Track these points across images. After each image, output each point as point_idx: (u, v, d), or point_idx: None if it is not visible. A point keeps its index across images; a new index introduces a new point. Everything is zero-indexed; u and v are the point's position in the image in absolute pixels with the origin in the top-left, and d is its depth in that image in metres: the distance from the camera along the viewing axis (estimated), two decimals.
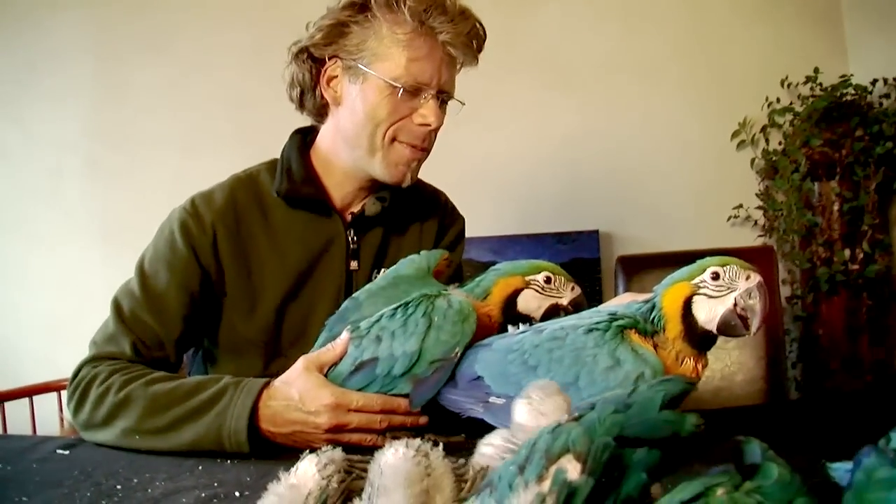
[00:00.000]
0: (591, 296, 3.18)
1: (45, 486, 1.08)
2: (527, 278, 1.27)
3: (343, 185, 1.60)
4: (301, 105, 1.65)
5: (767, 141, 3.31)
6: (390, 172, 1.54)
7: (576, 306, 1.28)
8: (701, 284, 1.07)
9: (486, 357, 1.16)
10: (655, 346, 1.05)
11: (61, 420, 2.63)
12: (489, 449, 0.88)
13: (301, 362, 1.23)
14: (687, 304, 1.07)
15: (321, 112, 1.63)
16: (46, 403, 2.76)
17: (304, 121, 3.42)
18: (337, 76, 1.54)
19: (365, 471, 0.86)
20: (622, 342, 1.04)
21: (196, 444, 1.23)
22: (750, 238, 3.31)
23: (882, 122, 3.06)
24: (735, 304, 1.05)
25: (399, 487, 0.75)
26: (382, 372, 1.17)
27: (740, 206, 3.32)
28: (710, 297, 1.06)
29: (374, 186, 1.60)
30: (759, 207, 3.32)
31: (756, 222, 3.33)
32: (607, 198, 3.39)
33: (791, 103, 3.28)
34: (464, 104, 1.59)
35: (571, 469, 0.62)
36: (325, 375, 1.22)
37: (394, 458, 0.79)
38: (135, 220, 3.39)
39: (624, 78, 3.42)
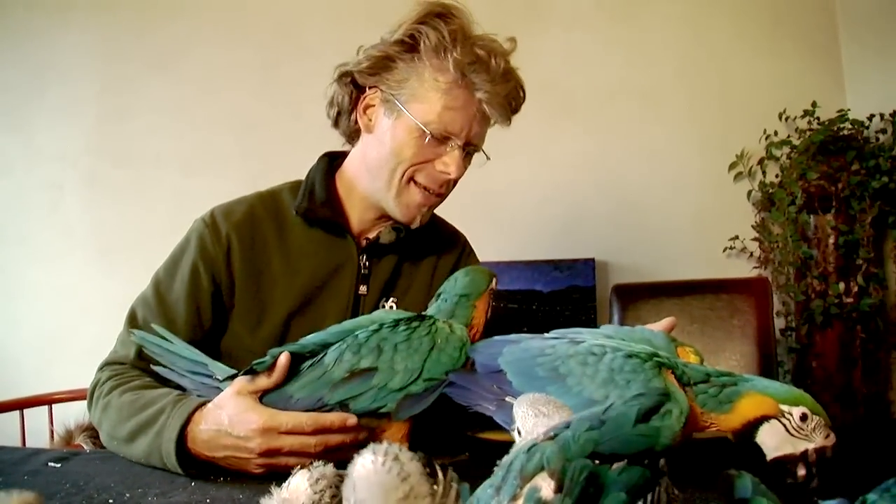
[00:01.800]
0: (586, 325, 3.17)
1: None
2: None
3: (362, 211, 1.63)
4: (335, 124, 1.68)
5: (764, 173, 3.33)
6: (401, 211, 1.57)
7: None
8: (787, 415, 1.02)
9: (514, 353, 1.15)
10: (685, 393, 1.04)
11: (51, 433, 2.62)
12: None
13: (234, 385, 1.19)
14: (761, 419, 1.03)
15: (353, 136, 1.67)
16: (37, 416, 2.75)
17: (305, 145, 3.45)
18: (374, 106, 1.57)
19: None
20: (658, 376, 1.03)
21: (146, 458, 1.25)
22: (745, 269, 3.33)
23: (878, 156, 3.09)
24: (803, 453, 1.01)
25: (376, 499, 0.72)
26: (379, 383, 1.15)
27: (736, 237, 3.33)
28: (787, 431, 1.02)
29: (385, 218, 1.63)
30: (754, 239, 3.33)
31: (752, 254, 3.35)
32: (604, 226, 3.41)
33: (788, 136, 3.31)
34: (489, 159, 1.63)
35: (545, 487, 0.62)
36: (263, 397, 1.19)
37: (364, 469, 0.74)
38: (133, 237, 3.43)
39: (624, 108, 3.45)
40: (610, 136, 3.44)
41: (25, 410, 2.73)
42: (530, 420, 0.84)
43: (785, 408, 1.02)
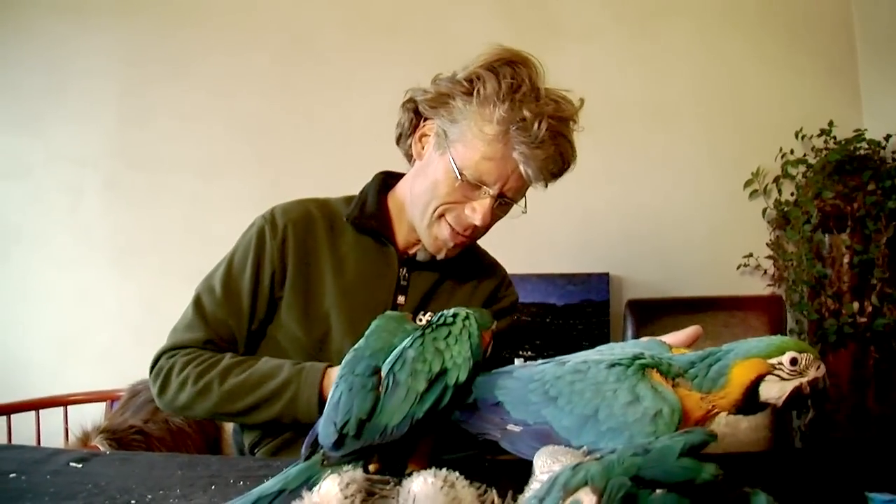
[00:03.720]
0: (600, 339, 3.19)
1: (59, 498, 1.11)
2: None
3: (407, 230, 1.71)
4: (398, 144, 1.75)
5: (780, 191, 3.33)
6: (430, 242, 1.65)
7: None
8: (778, 366, 1.06)
9: (507, 384, 1.17)
10: (674, 386, 1.06)
11: (66, 433, 2.65)
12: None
13: None
14: (757, 381, 1.06)
15: (410, 158, 1.74)
16: (52, 417, 2.78)
17: (320, 151, 3.47)
18: (428, 136, 1.63)
19: (385, 493, 0.89)
20: (642, 379, 1.05)
21: (273, 421, 1.46)
22: (759, 287, 3.33)
23: (894, 177, 3.09)
24: (801, 387, 1.05)
25: None
26: (450, 381, 1.16)
27: (750, 254, 3.33)
28: (783, 378, 1.06)
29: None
30: (769, 257, 3.33)
31: (766, 272, 3.35)
32: (619, 241, 3.42)
33: (805, 155, 3.31)
34: (525, 212, 1.66)
35: (587, 501, 0.65)
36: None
37: (422, 487, 0.83)
38: (151, 241, 3.46)
39: (639, 124, 3.47)
40: (625, 151, 3.45)
41: (41, 411, 2.76)
42: (549, 468, 0.87)
43: (774, 361, 1.05)
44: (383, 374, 1.20)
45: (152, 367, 1.56)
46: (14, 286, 3.63)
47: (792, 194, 3.32)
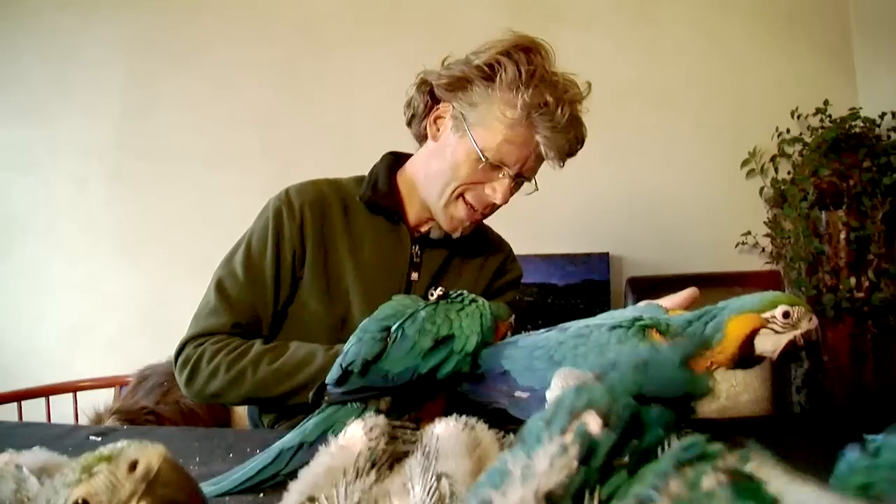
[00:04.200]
0: None
1: None
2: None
3: (419, 209, 1.77)
4: (409, 125, 1.81)
5: (777, 170, 3.37)
6: (446, 221, 1.71)
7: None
8: (771, 319, 1.11)
9: (513, 353, 1.22)
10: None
11: (76, 418, 2.69)
12: None
13: None
14: (752, 334, 1.11)
15: (421, 139, 1.80)
16: (62, 404, 2.82)
17: (326, 141, 3.49)
18: (444, 118, 1.69)
19: (407, 438, 0.94)
20: (643, 339, 1.09)
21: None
22: (757, 264, 3.37)
23: (890, 154, 3.13)
24: (795, 340, 1.10)
25: (456, 454, 0.84)
26: (457, 348, 1.23)
27: (748, 232, 3.38)
28: (776, 332, 1.11)
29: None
30: (766, 235, 3.38)
31: (763, 249, 3.39)
32: (619, 221, 3.46)
33: (801, 134, 3.35)
34: (538, 189, 1.73)
35: (593, 423, 0.69)
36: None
37: (445, 428, 0.89)
38: (156, 230, 3.50)
39: (638, 106, 3.50)
40: (625, 133, 3.49)
41: (51, 398, 2.80)
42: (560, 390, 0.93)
43: (767, 315, 1.10)
44: (393, 329, 1.26)
45: (177, 356, 1.56)
46: (22, 277, 3.67)
47: (788, 173, 3.36)
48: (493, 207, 1.69)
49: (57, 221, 3.66)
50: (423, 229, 1.78)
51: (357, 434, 0.93)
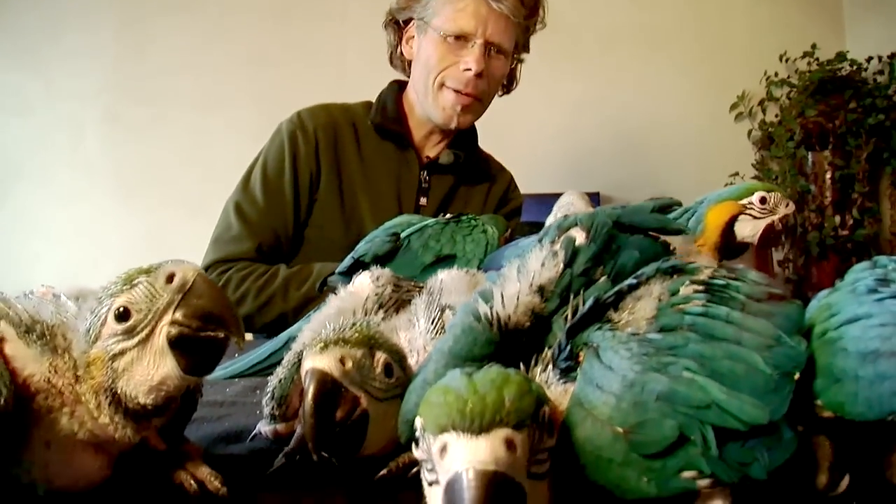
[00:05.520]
0: None
1: None
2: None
3: (419, 128, 1.88)
4: (392, 64, 1.94)
5: (764, 111, 3.43)
6: (439, 115, 1.80)
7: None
8: (749, 206, 1.18)
9: (513, 252, 1.29)
10: None
11: None
12: None
13: None
14: (731, 221, 1.19)
15: (406, 69, 1.91)
16: None
17: (319, 85, 3.51)
18: (413, 36, 1.82)
19: (410, 290, 1.01)
20: None
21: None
22: None
23: (875, 95, 3.19)
24: (773, 224, 1.18)
25: (459, 291, 0.92)
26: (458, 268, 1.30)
27: (736, 173, 3.43)
28: (755, 217, 1.18)
29: (440, 134, 1.87)
30: (754, 177, 3.44)
31: None
32: (609, 162, 3.51)
33: (788, 77, 3.40)
34: (521, 60, 1.90)
35: (578, 236, 0.77)
36: None
37: (448, 274, 0.99)
38: (152, 173, 3.52)
39: (628, 49, 3.55)
40: (615, 75, 3.53)
41: None
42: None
43: (744, 201, 1.18)
44: (402, 236, 1.33)
45: None
46: (17, 223, 3.69)
47: (776, 116, 3.41)
48: (475, 83, 1.75)
49: (52, 167, 3.68)
50: (431, 154, 1.87)
51: (365, 282, 1.00)
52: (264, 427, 0.94)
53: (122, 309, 0.75)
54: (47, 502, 0.75)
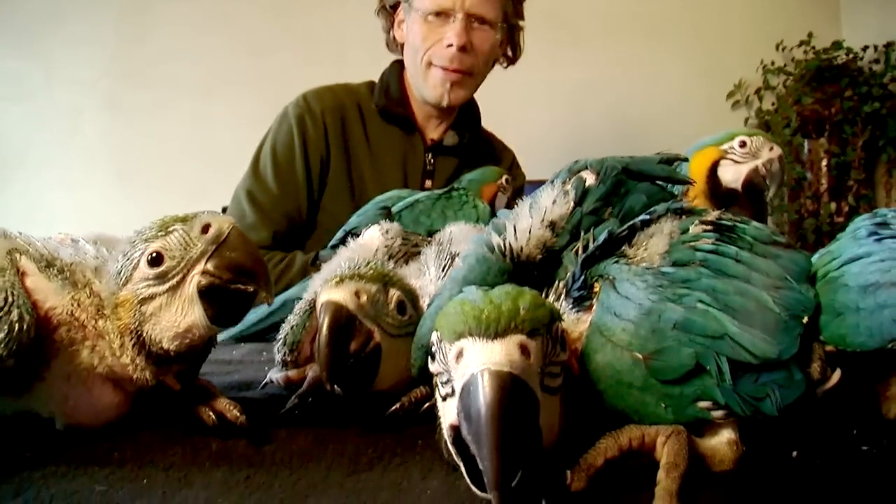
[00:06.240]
0: None
1: None
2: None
3: (418, 110, 1.91)
4: (390, 49, 1.97)
5: (761, 99, 3.45)
6: (431, 94, 1.82)
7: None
8: (729, 150, 1.22)
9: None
10: None
11: None
12: None
13: None
14: (714, 167, 1.22)
15: (402, 53, 1.93)
16: None
17: (320, 70, 3.52)
18: (403, 20, 1.86)
19: (419, 243, 1.04)
20: None
21: None
22: None
23: (871, 84, 3.21)
24: (757, 169, 1.21)
25: (468, 240, 0.92)
26: None
27: None
28: (737, 161, 1.21)
29: (439, 114, 1.89)
30: None
31: None
32: (607, 149, 3.48)
33: (785, 66, 3.42)
34: (519, 27, 1.94)
35: (588, 177, 0.79)
36: None
37: (458, 227, 1.03)
38: (152, 159, 3.53)
39: (627, 37, 3.56)
40: (613, 64, 3.55)
41: None
42: None
43: (725, 146, 1.22)
44: (393, 210, 1.35)
45: None
46: (17, 209, 3.68)
47: (773, 104, 3.43)
48: (462, 59, 1.77)
49: (52, 153, 3.68)
50: (434, 136, 1.90)
51: (375, 234, 1.02)
52: (275, 374, 0.96)
53: (155, 254, 0.77)
54: (66, 437, 0.76)
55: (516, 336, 0.55)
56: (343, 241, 1.31)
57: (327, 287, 0.77)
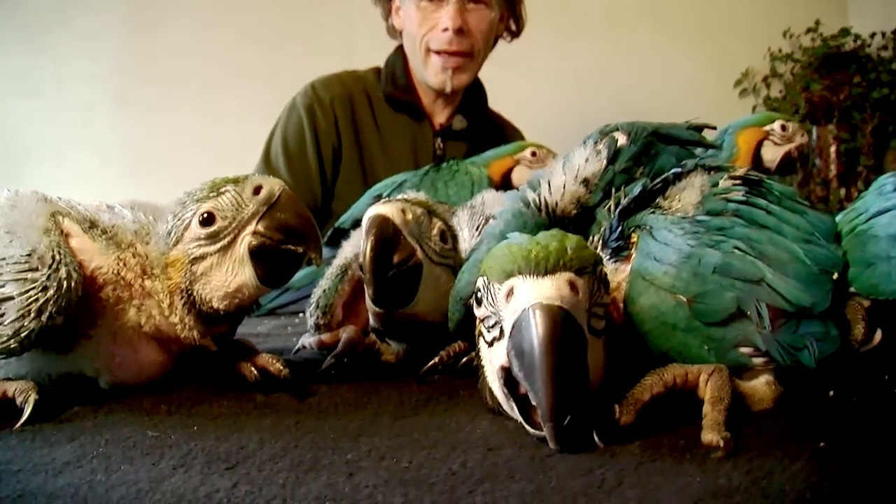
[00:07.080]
0: None
1: None
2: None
3: (424, 95, 1.90)
4: (390, 35, 1.98)
5: (768, 87, 3.45)
6: (433, 80, 1.82)
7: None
8: (771, 132, 1.31)
9: None
10: None
11: None
12: None
13: None
14: (758, 146, 1.31)
15: (402, 39, 1.94)
16: None
17: (329, 63, 3.53)
18: (399, 6, 1.86)
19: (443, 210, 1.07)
20: None
21: None
22: None
23: (880, 70, 3.21)
24: (791, 152, 1.31)
25: (502, 204, 0.96)
26: None
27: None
28: (776, 143, 1.31)
29: (446, 98, 1.89)
30: None
31: None
32: None
33: (792, 53, 3.43)
34: (512, 31, 1.94)
35: (620, 138, 0.81)
36: None
37: (490, 193, 1.07)
38: (163, 153, 3.54)
39: (633, 25, 3.57)
40: (620, 53, 3.56)
41: None
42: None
43: (767, 127, 1.32)
44: (384, 196, 1.37)
45: None
46: None
47: (780, 91, 3.43)
48: (460, 41, 1.77)
49: (63, 148, 3.69)
50: (441, 120, 1.90)
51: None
52: (308, 339, 0.98)
53: (207, 214, 0.78)
54: (112, 395, 0.78)
55: (565, 273, 0.56)
56: (333, 237, 1.33)
57: (375, 205, 0.80)
